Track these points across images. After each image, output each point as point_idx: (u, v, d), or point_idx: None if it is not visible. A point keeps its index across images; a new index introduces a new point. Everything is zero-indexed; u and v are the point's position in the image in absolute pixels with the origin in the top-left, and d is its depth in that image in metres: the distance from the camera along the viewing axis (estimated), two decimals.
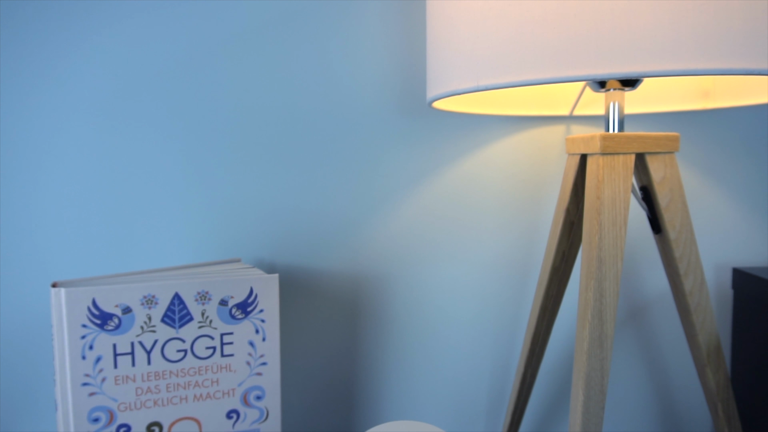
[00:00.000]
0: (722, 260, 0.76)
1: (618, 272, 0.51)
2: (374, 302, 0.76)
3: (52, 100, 0.72)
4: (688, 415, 0.79)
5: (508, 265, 0.76)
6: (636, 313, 0.77)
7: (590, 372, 0.49)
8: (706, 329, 0.57)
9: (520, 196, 0.75)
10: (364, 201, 0.75)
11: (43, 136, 0.73)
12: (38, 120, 0.72)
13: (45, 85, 0.71)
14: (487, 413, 0.79)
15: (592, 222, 0.51)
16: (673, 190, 0.55)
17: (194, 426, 0.62)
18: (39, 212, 0.74)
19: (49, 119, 0.72)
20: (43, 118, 0.72)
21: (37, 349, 0.76)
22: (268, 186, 0.74)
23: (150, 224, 0.75)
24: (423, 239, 0.75)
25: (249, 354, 0.63)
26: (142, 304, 0.59)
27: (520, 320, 0.77)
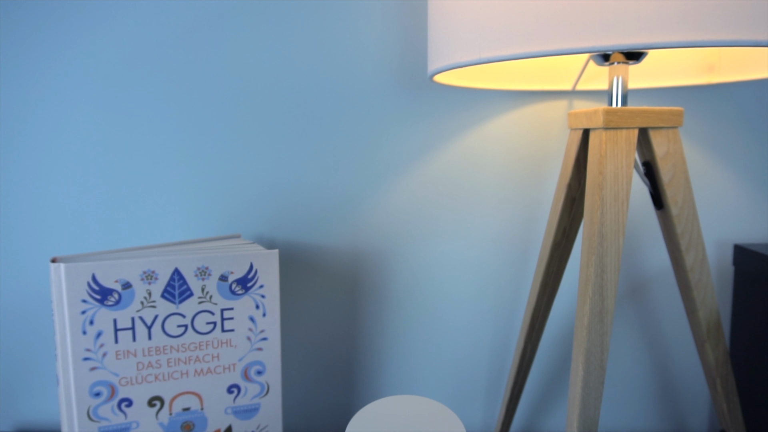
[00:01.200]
0: (723, 237, 0.76)
1: (619, 248, 0.50)
2: (374, 278, 0.76)
3: (51, 77, 0.71)
4: (686, 390, 0.79)
5: (508, 241, 0.76)
6: (636, 289, 0.77)
7: (590, 347, 0.49)
8: (706, 305, 0.57)
9: (522, 171, 0.74)
10: (364, 176, 0.74)
11: (41, 114, 0.72)
12: (37, 98, 0.72)
13: (43, 61, 0.71)
14: (486, 388, 0.79)
15: (594, 197, 0.51)
16: (676, 165, 0.54)
17: (195, 400, 0.63)
18: (38, 188, 0.74)
19: (48, 97, 0.72)
20: (41, 95, 0.72)
21: (38, 325, 0.76)
22: (268, 162, 0.74)
23: (150, 200, 0.74)
24: (423, 215, 0.75)
25: (249, 329, 0.63)
26: (141, 280, 0.59)
27: (521, 296, 0.77)
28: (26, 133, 0.73)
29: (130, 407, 0.60)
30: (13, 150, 0.73)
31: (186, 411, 0.62)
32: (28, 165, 0.73)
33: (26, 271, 0.75)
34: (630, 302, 0.77)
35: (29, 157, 0.73)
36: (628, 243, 0.76)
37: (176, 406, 0.62)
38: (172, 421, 0.62)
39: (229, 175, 0.74)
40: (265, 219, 0.75)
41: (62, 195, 0.74)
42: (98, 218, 0.75)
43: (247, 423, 0.65)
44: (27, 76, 0.71)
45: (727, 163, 0.74)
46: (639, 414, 0.80)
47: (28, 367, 0.78)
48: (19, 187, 0.74)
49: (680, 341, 0.78)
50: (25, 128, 0.72)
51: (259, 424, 0.66)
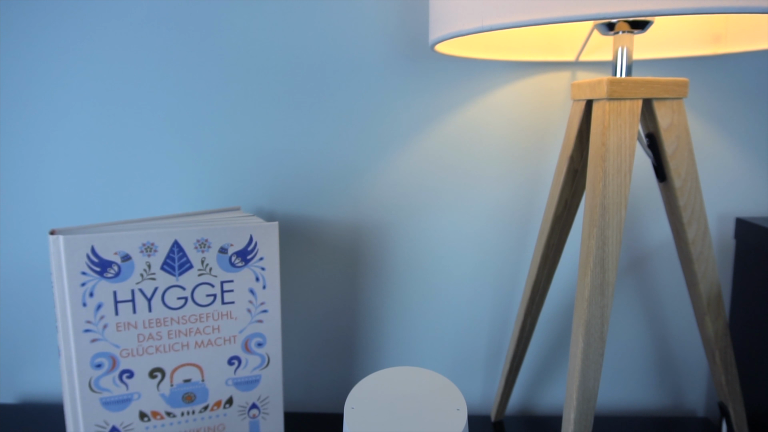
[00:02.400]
0: (725, 210, 0.75)
1: (621, 220, 0.50)
2: (374, 251, 0.76)
3: (49, 48, 0.70)
4: (684, 364, 0.80)
5: (509, 213, 0.75)
6: (637, 262, 0.77)
7: (590, 319, 0.49)
8: (707, 278, 0.57)
9: (523, 143, 0.74)
10: (365, 148, 0.74)
11: (40, 86, 0.71)
12: (36, 71, 0.71)
13: (40, 32, 0.69)
14: (486, 360, 0.80)
15: (597, 169, 0.50)
16: (680, 137, 0.54)
17: (196, 372, 0.63)
18: (38, 161, 0.73)
19: (47, 69, 0.71)
20: (40, 69, 0.71)
21: (38, 297, 0.77)
22: (267, 134, 0.73)
23: (149, 173, 0.74)
24: (424, 187, 0.75)
25: (249, 302, 0.63)
26: (141, 252, 0.58)
27: (521, 269, 0.77)
28: (25, 106, 0.72)
29: (132, 378, 0.60)
30: (12, 123, 0.72)
31: (187, 382, 0.63)
32: (27, 138, 0.73)
33: (26, 244, 0.75)
34: (630, 276, 0.77)
35: (28, 130, 0.72)
36: (629, 216, 0.75)
37: (177, 377, 0.62)
38: (174, 392, 0.62)
39: (228, 147, 0.73)
40: (264, 192, 0.75)
41: (61, 168, 0.73)
42: (97, 191, 0.74)
43: (248, 394, 0.66)
44: (26, 47, 0.70)
45: (731, 135, 0.73)
46: (637, 387, 0.81)
47: (29, 339, 0.78)
48: (18, 159, 0.73)
49: (680, 315, 0.78)
50: (23, 101, 0.72)
51: (260, 396, 0.66)
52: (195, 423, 0.64)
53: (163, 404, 0.62)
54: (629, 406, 0.81)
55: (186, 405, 0.63)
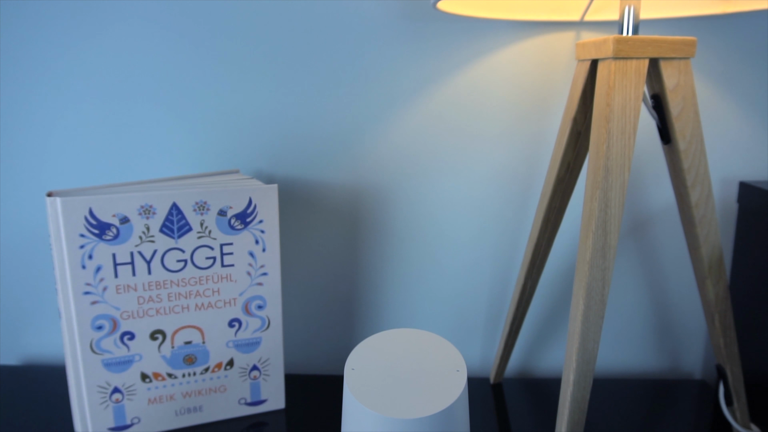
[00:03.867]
0: (729, 174, 0.75)
1: (624, 182, 0.49)
2: (374, 213, 0.76)
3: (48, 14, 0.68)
4: (683, 328, 0.80)
5: (511, 176, 0.75)
6: (638, 226, 0.76)
7: (591, 282, 0.49)
8: (709, 241, 0.57)
9: (526, 105, 0.73)
10: (365, 110, 0.73)
11: (38, 48, 0.70)
12: (33, 31, 0.69)
13: None
14: (485, 323, 0.80)
15: (600, 130, 0.49)
16: (686, 98, 0.53)
17: (197, 334, 0.63)
18: (35, 123, 0.72)
19: (46, 34, 0.69)
20: (38, 32, 0.69)
21: (38, 259, 0.77)
22: (266, 96, 0.72)
23: (147, 135, 0.73)
24: (425, 150, 0.74)
25: (249, 264, 0.63)
26: (139, 214, 0.58)
27: (522, 232, 0.77)
28: (22, 68, 0.70)
29: (133, 340, 0.61)
30: (10, 86, 0.71)
31: (188, 344, 0.63)
32: (25, 100, 0.71)
33: (24, 206, 0.75)
34: (631, 239, 0.77)
35: (25, 91, 0.71)
36: (631, 180, 0.75)
37: (178, 339, 0.63)
38: (175, 354, 0.63)
39: (226, 109, 0.72)
40: (263, 154, 0.74)
41: (59, 131, 0.73)
42: (95, 154, 0.73)
43: (248, 356, 0.66)
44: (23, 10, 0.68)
45: (737, 97, 0.72)
46: (635, 350, 0.81)
47: (30, 301, 0.78)
48: (16, 121, 0.72)
49: (679, 279, 0.78)
50: (21, 63, 0.70)
51: (261, 357, 0.67)
52: (196, 384, 0.64)
53: (164, 366, 0.63)
54: (627, 368, 0.82)
55: (187, 366, 0.64)
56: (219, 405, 0.66)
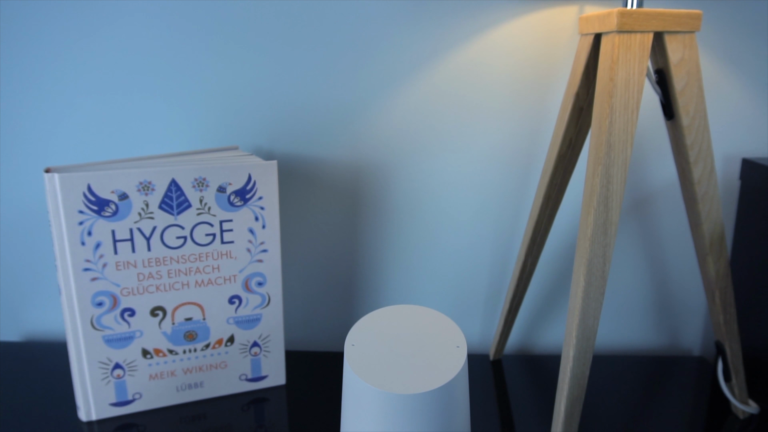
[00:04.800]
0: (732, 150, 0.74)
1: (627, 158, 0.49)
2: (374, 190, 0.75)
3: None
4: (683, 304, 0.80)
5: (512, 153, 0.74)
6: (640, 203, 0.76)
7: (592, 258, 0.49)
8: (711, 218, 0.57)
9: (528, 81, 0.72)
10: (365, 87, 0.72)
11: (36, 24, 0.69)
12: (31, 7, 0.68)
13: None
14: (485, 300, 0.80)
15: (603, 105, 0.49)
16: (690, 73, 0.52)
17: (197, 310, 0.63)
18: (33, 98, 0.72)
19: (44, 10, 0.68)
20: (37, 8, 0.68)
21: (38, 235, 0.76)
22: (265, 72, 0.71)
23: (145, 111, 0.72)
24: (425, 127, 0.73)
25: (249, 241, 0.63)
26: (138, 191, 0.58)
27: (523, 209, 0.76)
28: (21, 46, 0.70)
29: (133, 317, 0.61)
30: (9, 62, 0.70)
31: (188, 321, 0.63)
32: (23, 76, 0.71)
33: (23, 182, 0.74)
34: (632, 216, 0.77)
35: (23, 68, 0.70)
36: (633, 156, 0.74)
37: (178, 316, 0.63)
38: (175, 330, 0.63)
39: (226, 85, 0.72)
40: (263, 131, 0.73)
41: (57, 106, 0.72)
42: (94, 130, 0.73)
43: (249, 333, 0.66)
44: None
45: (741, 73, 0.71)
46: (635, 326, 0.81)
47: (31, 277, 0.78)
48: (14, 97, 0.71)
49: (680, 256, 0.78)
50: (21, 41, 0.69)
51: (261, 334, 0.67)
52: (197, 360, 0.65)
53: (165, 342, 0.63)
54: (626, 345, 0.82)
55: (188, 343, 0.64)
56: (220, 381, 0.66)
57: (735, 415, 0.65)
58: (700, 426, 0.63)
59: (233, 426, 0.61)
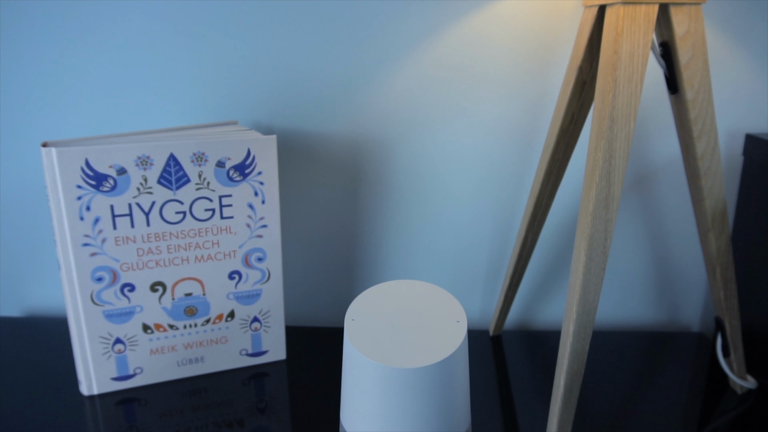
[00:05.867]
0: (735, 126, 0.73)
1: (630, 133, 0.48)
2: (375, 165, 0.75)
3: None
4: (682, 280, 0.80)
5: (514, 128, 0.73)
6: (642, 179, 0.76)
7: (594, 233, 0.49)
8: (713, 194, 0.56)
9: (530, 54, 0.71)
10: (365, 60, 0.71)
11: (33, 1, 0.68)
12: None
13: None
14: (485, 276, 0.80)
15: (607, 78, 0.48)
16: (695, 46, 0.51)
17: (197, 286, 0.63)
18: (30, 72, 0.71)
19: None
20: None
21: (37, 210, 0.76)
22: (264, 45, 0.70)
23: (143, 86, 0.71)
24: (426, 101, 0.72)
25: (249, 216, 0.63)
26: (136, 165, 0.57)
27: (524, 184, 0.76)
28: (19, 18, 0.68)
29: (133, 292, 0.61)
30: (5, 34, 0.69)
31: (188, 296, 0.63)
32: (21, 50, 0.70)
33: (21, 156, 0.74)
34: (633, 193, 0.76)
35: (21, 42, 0.69)
36: (635, 132, 0.74)
37: (178, 291, 0.63)
38: (175, 305, 0.63)
39: (224, 59, 0.71)
40: (262, 105, 0.72)
41: (55, 80, 0.71)
42: (91, 104, 0.72)
43: (249, 308, 0.66)
44: None
45: (747, 47, 0.70)
46: (634, 303, 0.81)
47: (30, 252, 0.78)
48: (11, 71, 0.70)
49: (681, 233, 0.78)
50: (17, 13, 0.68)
51: (261, 309, 0.67)
52: (198, 335, 0.65)
53: (165, 317, 0.63)
54: (626, 321, 0.83)
55: (188, 318, 0.64)
56: (220, 356, 0.67)
57: (733, 390, 0.66)
58: (698, 401, 0.64)
59: (234, 400, 0.62)
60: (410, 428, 0.38)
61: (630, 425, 0.60)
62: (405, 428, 0.38)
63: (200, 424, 0.58)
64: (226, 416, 0.59)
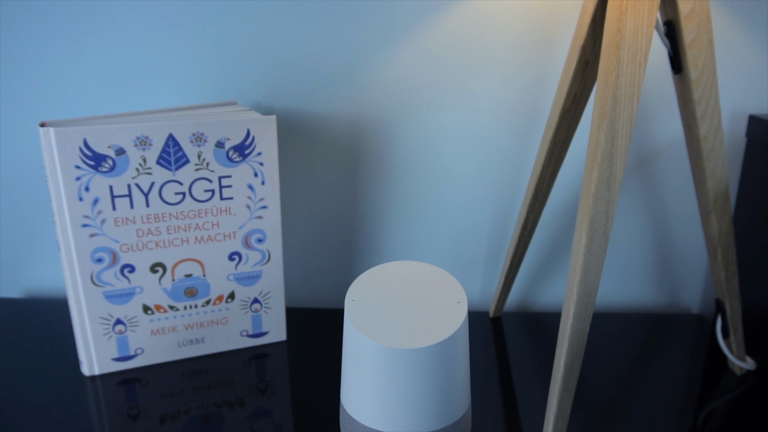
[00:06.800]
0: (739, 107, 0.73)
1: (633, 113, 0.48)
2: (375, 146, 0.74)
3: None
4: (683, 262, 0.80)
5: (515, 109, 0.73)
6: (644, 160, 0.75)
7: (595, 214, 0.48)
8: (716, 175, 0.56)
9: (533, 34, 0.70)
10: (365, 40, 0.70)
11: None
12: None
13: None
14: (486, 258, 0.80)
15: (610, 57, 0.47)
16: (700, 25, 0.50)
17: (197, 267, 0.63)
18: (27, 52, 0.70)
19: None
20: None
21: (37, 191, 0.76)
22: (264, 24, 0.69)
23: (142, 65, 0.71)
24: (427, 81, 0.72)
25: (248, 197, 0.63)
26: (135, 146, 0.57)
27: (525, 166, 0.76)
28: None
29: (133, 273, 0.61)
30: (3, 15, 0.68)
31: (188, 277, 0.63)
32: (19, 29, 0.69)
33: (20, 137, 0.73)
34: (635, 174, 0.76)
35: (19, 22, 0.69)
36: (638, 113, 0.73)
37: (178, 272, 0.63)
38: (176, 286, 0.63)
39: (223, 39, 0.70)
40: (261, 85, 0.72)
41: (53, 60, 0.70)
42: (90, 84, 0.71)
43: (249, 289, 0.66)
44: None
45: (751, 27, 0.70)
46: (634, 285, 0.81)
47: (31, 233, 0.78)
48: (9, 50, 0.70)
49: (682, 215, 0.78)
50: None
51: (262, 291, 0.67)
52: (198, 316, 0.65)
53: (165, 298, 0.63)
54: (626, 303, 0.83)
55: (188, 299, 0.64)
56: (221, 337, 0.67)
57: (732, 372, 0.66)
58: (697, 382, 0.64)
59: (235, 380, 0.62)
60: (410, 408, 0.38)
61: (629, 406, 0.60)
62: (405, 408, 0.38)
63: (201, 405, 0.58)
64: (227, 397, 0.59)
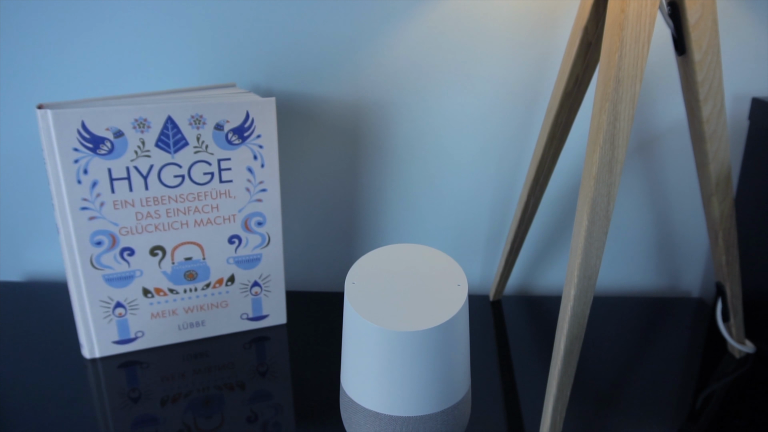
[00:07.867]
0: (742, 90, 0.72)
1: (635, 95, 0.48)
2: (375, 129, 0.74)
3: None
4: (684, 246, 0.80)
5: (517, 91, 0.72)
6: (646, 143, 0.75)
7: (596, 197, 0.48)
8: (718, 158, 0.56)
9: (534, 15, 0.69)
10: (365, 21, 0.69)
11: None
12: None
13: None
14: (486, 241, 0.80)
15: (613, 38, 0.47)
16: (704, 5, 0.50)
17: (197, 250, 0.63)
18: (25, 34, 0.69)
19: None
20: None
21: (36, 173, 0.75)
22: (263, 6, 0.68)
23: (140, 47, 0.70)
24: (428, 63, 0.71)
25: (248, 180, 0.62)
26: (134, 128, 0.56)
27: (526, 149, 0.75)
28: None
29: (133, 256, 0.61)
30: None
31: (188, 260, 0.63)
32: (15, 11, 0.68)
33: (18, 119, 0.73)
34: (636, 158, 0.75)
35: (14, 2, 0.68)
36: (641, 95, 0.72)
37: (178, 255, 0.62)
38: (175, 269, 0.63)
39: (222, 20, 0.69)
40: (260, 67, 0.71)
41: (51, 41, 0.70)
42: (88, 66, 0.71)
43: (249, 272, 0.66)
44: None
45: (755, 8, 0.69)
46: (635, 268, 0.81)
47: (30, 216, 0.78)
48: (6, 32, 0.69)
49: (683, 199, 0.77)
50: None
51: (261, 274, 0.67)
52: (198, 300, 0.65)
53: (165, 281, 0.63)
54: (626, 286, 0.83)
55: (188, 282, 0.64)
56: (221, 320, 0.67)
57: (731, 355, 0.66)
58: (696, 365, 0.64)
59: (235, 363, 0.62)
60: (410, 391, 0.38)
61: (629, 389, 0.60)
62: (405, 391, 0.38)
63: (201, 387, 0.58)
64: (227, 379, 0.60)
